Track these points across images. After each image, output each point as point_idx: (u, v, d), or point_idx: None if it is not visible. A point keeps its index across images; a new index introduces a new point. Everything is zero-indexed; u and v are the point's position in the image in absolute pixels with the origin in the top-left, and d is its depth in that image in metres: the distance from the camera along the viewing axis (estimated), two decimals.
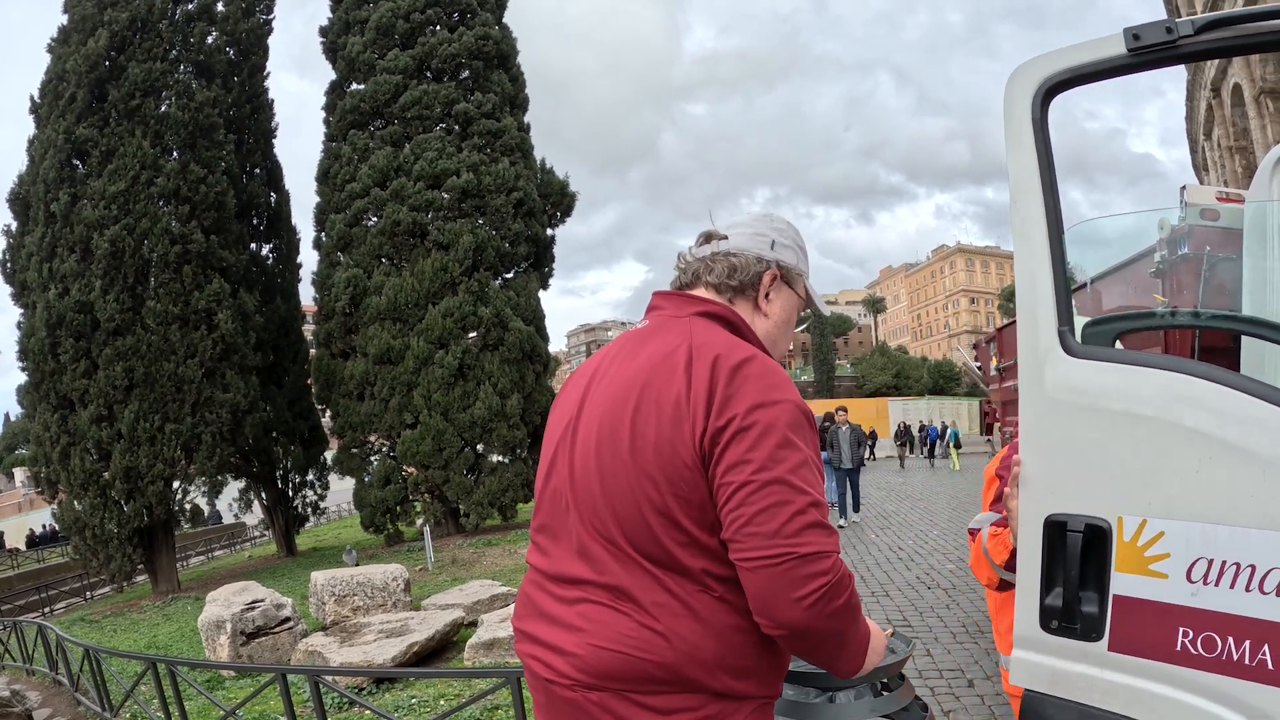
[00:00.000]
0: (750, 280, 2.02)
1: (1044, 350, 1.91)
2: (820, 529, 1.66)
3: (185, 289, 18.80)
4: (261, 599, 10.69)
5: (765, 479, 1.66)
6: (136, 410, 18.08)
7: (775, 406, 1.72)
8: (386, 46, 22.54)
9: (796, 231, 2.15)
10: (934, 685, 6.28)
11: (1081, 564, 1.86)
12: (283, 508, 24.11)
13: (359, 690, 8.04)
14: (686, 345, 1.82)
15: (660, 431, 1.77)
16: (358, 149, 22.35)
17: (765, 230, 2.08)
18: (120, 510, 18.40)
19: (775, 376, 1.77)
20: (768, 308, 2.06)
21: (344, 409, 21.85)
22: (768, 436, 1.69)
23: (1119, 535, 1.81)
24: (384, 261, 21.98)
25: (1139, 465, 1.79)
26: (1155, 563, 1.77)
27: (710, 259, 2.06)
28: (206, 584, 18.65)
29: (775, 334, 2.08)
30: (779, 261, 2.06)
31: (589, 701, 1.77)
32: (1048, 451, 1.93)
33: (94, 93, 18.84)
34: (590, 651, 1.77)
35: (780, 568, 1.62)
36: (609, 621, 1.78)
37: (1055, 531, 1.89)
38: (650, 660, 1.73)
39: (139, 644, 13.27)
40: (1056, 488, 1.90)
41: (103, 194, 18.17)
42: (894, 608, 8.81)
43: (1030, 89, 1.92)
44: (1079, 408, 1.86)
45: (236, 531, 35.30)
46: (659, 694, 1.74)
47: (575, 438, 1.92)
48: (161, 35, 19.71)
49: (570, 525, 1.88)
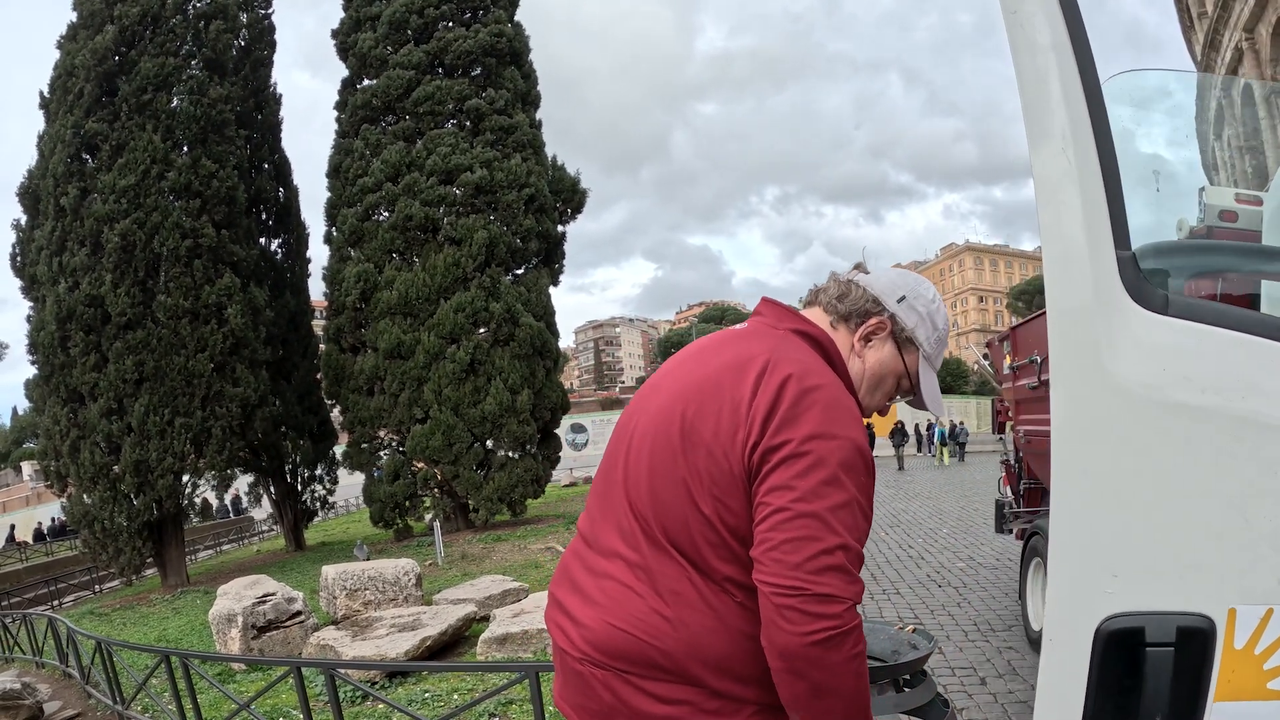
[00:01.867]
0: (856, 312, 1.98)
1: (1098, 298, 1.18)
2: (842, 574, 1.60)
3: (196, 283, 18.82)
4: (273, 593, 10.70)
5: (802, 510, 1.63)
6: (146, 404, 18.12)
7: (833, 441, 1.67)
8: (399, 42, 22.54)
9: (939, 310, 2.05)
10: (946, 683, 6.28)
11: (1167, 698, 1.19)
12: (291, 502, 24.14)
13: (372, 684, 8.05)
14: (766, 357, 1.79)
15: (717, 433, 1.75)
16: (369, 144, 22.36)
17: (904, 285, 2.02)
18: (130, 504, 18.43)
19: (842, 410, 1.72)
20: (864, 351, 2.00)
21: (353, 404, 21.88)
22: (817, 469, 1.65)
23: (1228, 639, 1.17)
24: (395, 256, 21.98)
25: (1269, 514, 1.14)
26: (1279, 677, 1.17)
27: (840, 281, 2.04)
28: (215, 578, 18.69)
29: (862, 383, 2.01)
30: (895, 315, 1.98)
31: (594, 678, 1.80)
32: (1109, 496, 1.19)
33: (103, 87, 18.84)
34: (602, 627, 1.79)
35: (791, 599, 1.59)
36: (625, 601, 1.79)
37: (1119, 646, 1.20)
38: (655, 646, 1.74)
39: (149, 637, 13.29)
40: (1123, 565, 1.19)
41: (113, 188, 18.18)
42: (905, 606, 8.81)
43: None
44: (1171, 410, 1.17)
45: (244, 525, 35.34)
46: (659, 681, 1.75)
47: (640, 420, 1.93)
48: (174, 31, 19.72)
49: (616, 498, 1.89)
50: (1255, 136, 4.07)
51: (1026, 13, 1.17)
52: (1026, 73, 1.19)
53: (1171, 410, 1.17)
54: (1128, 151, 1.88)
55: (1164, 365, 1.17)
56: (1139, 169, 2.82)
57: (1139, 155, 2.13)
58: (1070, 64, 1.17)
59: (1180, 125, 2.33)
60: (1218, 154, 4.33)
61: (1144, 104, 1.86)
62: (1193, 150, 3.63)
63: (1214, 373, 1.17)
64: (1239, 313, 1.23)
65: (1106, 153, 1.17)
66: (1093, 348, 1.18)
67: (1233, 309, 1.24)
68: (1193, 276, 1.36)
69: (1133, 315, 1.18)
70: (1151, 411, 1.17)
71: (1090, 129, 1.17)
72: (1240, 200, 3.65)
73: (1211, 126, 3.80)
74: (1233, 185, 3.93)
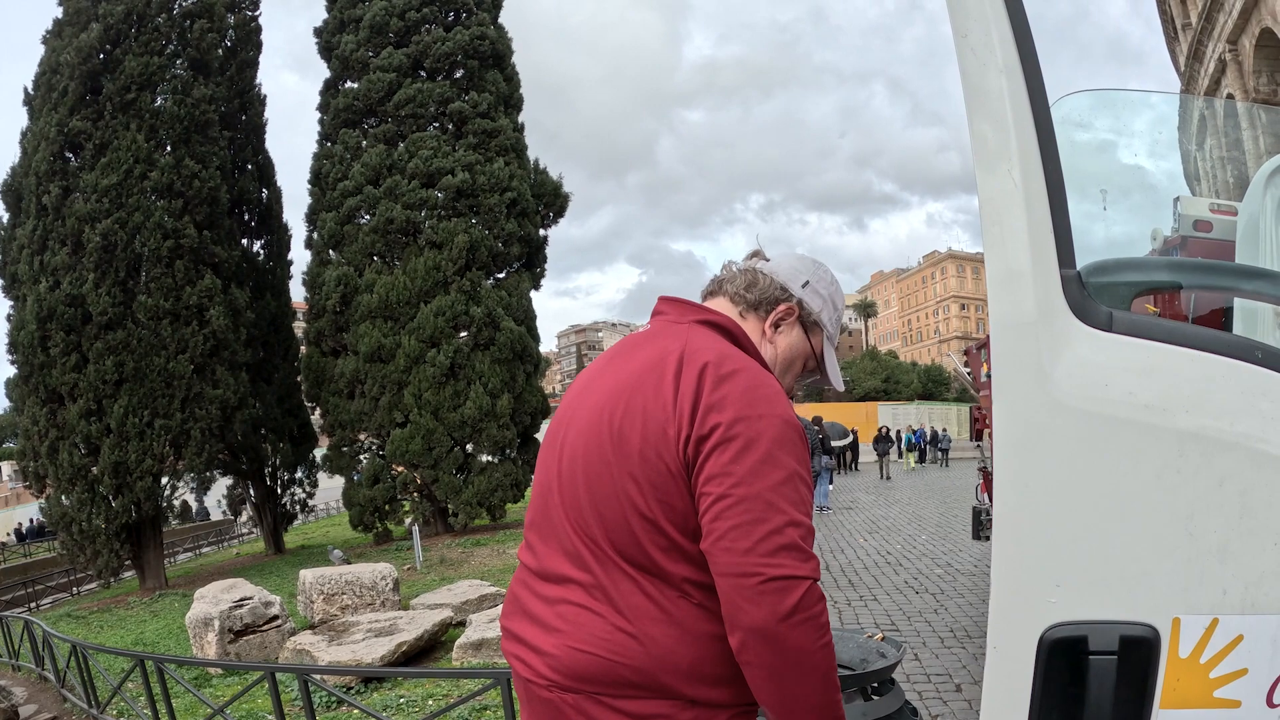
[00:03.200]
0: (765, 300, 2.02)
1: (1041, 317, 1.20)
2: (795, 551, 1.61)
3: (177, 284, 18.74)
4: (250, 596, 10.67)
5: (743, 494, 1.64)
6: (126, 405, 18.00)
7: (762, 420, 1.69)
8: (380, 45, 22.51)
9: (838, 291, 2.14)
10: (921, 690, 6.31)
11: (1110, 706, 1.21)
12: (271, 505, 24.04)
13: (347, 689, 8.03)
14: (679, 351, 1.80)
15: (646, 436, 1.75)
16: (350, 147, 22.35)
17: (806, 270, 2.08)
18: (108, 505, 18.30)
19: (765, 389, 1.74)
20: (775, 337, 2.04)
21: (334, 407, 21.83)
22: (750, 450, 1.66)
23: (1172, 648, 1.20)
24: (375, 259, 21.98)
25: (1215, 527, 1.17)
26: (1225, 685, 1.20)
27: (742, 271, 2.08)
28: (194, 581, 18.59)
29: (775, 368, 2.04)
30: (802, 301, 2.04)
31: (564, 703, 1.77)
32: (1051, 509, 1.20)
33: (87, 85, 18.75)
34: (566, 653, 1.76)
35: (749, 584, 1.60)
36: (585, 623, 1.77)
37: (1062, 655, 1.22)
38: (623, 664, 1.72)
39: (126, 640, 13.22)
40: (1066, 576, 1.21)
41: (95, 187, 18.10)
42: (881, 612, 8.84)
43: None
44: (1115, 425, 1.18)
45: (224, 528, 35.18)
46: (633, 698, 1.73)
47: (567, 437, 1.92)
48: (159, 30, 19.65)
49: (556, 523, 1.88)
50: (1237, 147, 4.11)
51: (977, 36, 1.19)
52: (975, 94, 1.21)
53: (1115, 425, 1.18)
54: (1089, 168, 1.92)
55: (1107, 381, 1.19)
56: (1113, 184, 2.86)
57: (1103, 170, 2.16)
58: (1020, 86, 1.19)
59: (1135, 141, 2.37)
60: (1200, 165, 4.39)
61: (1090, 123, 1.90)
62: (1168, 162, 3.67)
63: (1159, 388, 1.19)
64: (1184, 328, 1.25)
65: (1053, 172, 1.19)
66: (1035, 364, 1.19)
67: (1177, 325, 1.26)
68: (1139, 294, 1.38)
69: (1076, 332, 1.20)
70: (1095, 426, 1.18)
71: (1037, 149, 1.19)
72: (1215, 210, 3.70)
73: (1194, 138, 3.84)
74: (1214, 195, 3.97)
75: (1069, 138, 1.69)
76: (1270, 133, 4.11)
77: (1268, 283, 1.89)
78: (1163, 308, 3.13)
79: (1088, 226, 2.53)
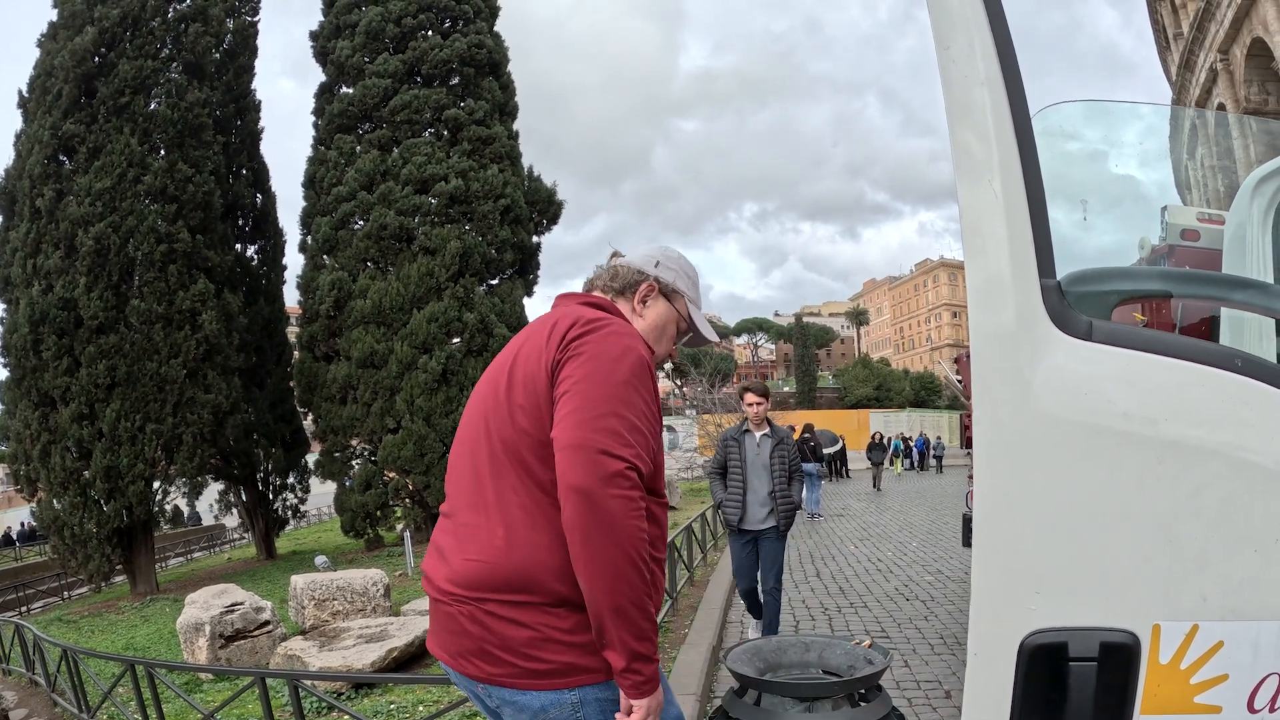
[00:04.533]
0: (629, 284, 2.42)
1: (1020, 326, 1.19)
2: (618, 435, 1.88)
3: (170, 288, 18.73)
4: (241, 602, 10.64)
5: (584, 389, 1.94)
6: (118, 409, 17.97)
7: (608, 342, 2.03)
8: (376, 51, 22.54)
9: (687, 263, 2.53)
10: (911, 696, 6.31)
11: (1091, 712, 1.21)
12: (263, 510, 23.99)
13: (338, 695, 8.01)
14: (560, 317, 2.15)
15: (527, 371, 2.09)
16: (345, 152, 22.33)
17: (654, 254, 2.48)
18: (100, 510, 18.25)
19: (621, 332, 2.09)
20: (644, 312, 2.41)
21: (326, 412, 21.79)
22: (593, 361, 1.99)
23: (1153, 654, 1.20)
24: (369, 265, 21.95)
25: (1194, 534, 1.18)
26: (1206, 691, 1.20)
27: (606, 269, 2.49)
28: (185, 586, 18.54)
29: (648, 337, 2.36)
30: (659, 277, 2.43)
31: (460, 614, 2.01)
32: (1030, 517, 1.20)
33: (82, 88, 18.74)
34: (461, 563, 2.03)
35: (576, 451, 1.86)
36: (476, 538, 2.04)
37: (1043, 661, 1.21)
38: (503, 564, 1.97)
39: (117, 645, 13.18)
40: (1046, 583, 1.20)
41: (89, 190, 18.08)
42: (872, 619, 8.85)
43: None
44: (1094, 433, 1.18)
45: (216, 533, 35.08)
46: (516, 606, 1.95)
47: (472, 400, 2.29)
48: (154, 33, 19.66)
49: (464, 470, 2.18)
50: (1228, 156, 4.14)
51: (959, 48, 1.20)
52: (957, 106, 1.22)
53: (1095, 433, 1.19)
54: (1072, 178, 1.94)
55: (1087, 390, 1.20)
56: (1100, 193, 2.88)
57: (1086, 180, 2.18)
58: (1001, 98, 1.20)
59: (1119, 151, 2.40)
60: (1191, 174, 4.41)
61: (1073, 134, 1.92)
62: (1155, 171, 3.69)
63: (1138, 397, 1.20)
64: (1163, 337, 1.25)
65: (1034, 183, 1.20)
66: (1015, 373, 1.20)
67: (1157, 334, 1.27)
68: (1119, 303, 1.40)
69: (1056, 341, 1.21)
70: (1075, 434, 1.19)
71: (1018, 160, 1.19)
72: (1202, 219, 3.72)
73: (1185, 147, 3.87)
74: (1204, 204, 4.00)
75: (1051, 148, 1.70)
76: (1261, 141, 4.14)
77: (1247, 291, 1.91)
78: (1150, 316, 3.15)
79: (1077, 236, 2.55)
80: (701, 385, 41.19)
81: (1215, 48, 25.09)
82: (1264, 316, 2.43)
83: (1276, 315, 2.13)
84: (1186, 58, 28.09)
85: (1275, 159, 2.88)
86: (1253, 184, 2.96)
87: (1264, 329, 2.54)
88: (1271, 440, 1.18)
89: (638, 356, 2.04)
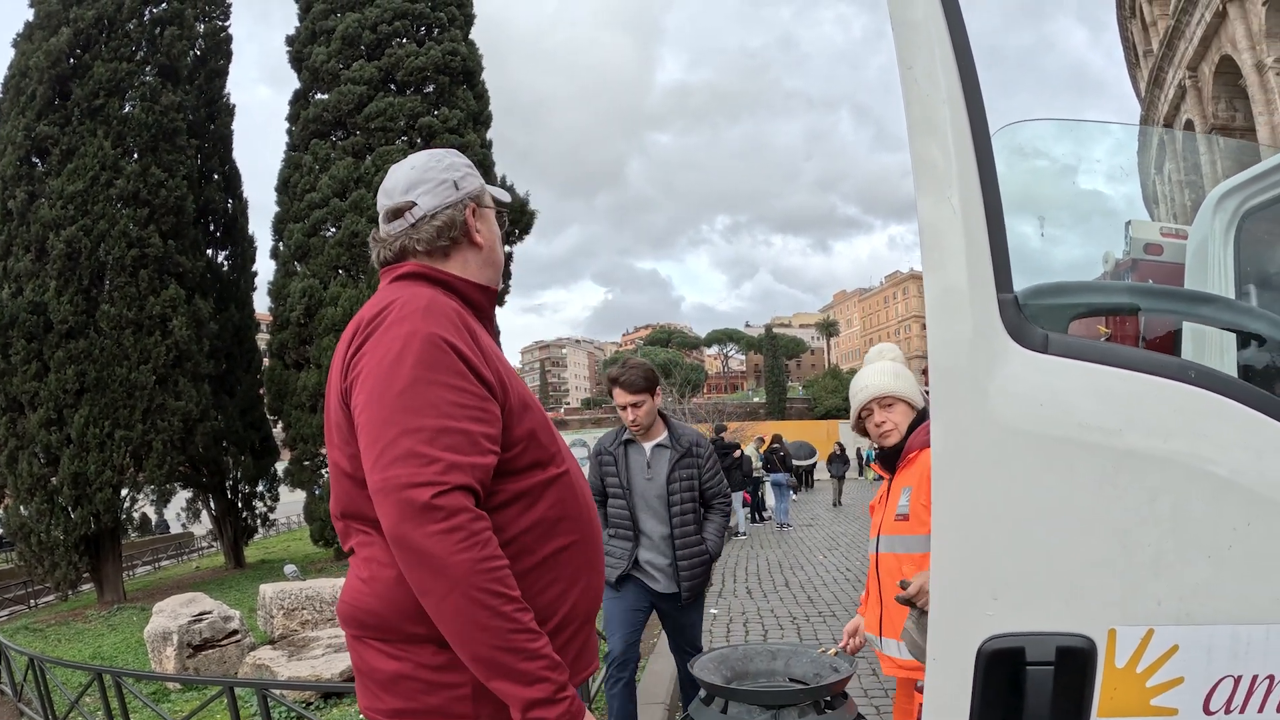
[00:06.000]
0: (460, 229, 2.04)
1: (977, 340, 1.22)
2: (410, 460, 1.65)
3: (141, 293, 18.58)
4: (209, 610, 10.57)
5: (366, 420, 1.73)
6: (87, 415, 17.80)
7: (382, 344, 1.77)
8: (352, 57, 22.47)
9: (456, 152, 2.16)
10: (879, 704, 6.37)
11: (1048, 717, 1.23)
12: (231, 519, 23.81)
13: (307, 704, 7.97)
14: (354, 322, 1.90)
15: (331, 404, 1.91)
16: (319, 159, 22.25)
17: (443, 176, 2.07)
18: (67, 517, 18.06)
19: (402, 323, 1.78)
20: (480, 238, 2.08)
21: (296, 420, 21.63)
22: (369, 377, 1.75)
23: (1109, 658, 1.22)
24: (340, 273, 21.83)
25: (1148, 540, 1.21)
26: (1162, 694, 1.23)
27: (413, 229, 2.04)
28: (153, 594, 18.37)
29: (491, 254, 2.13)
30: (469, 194, 2.08)
31: (348, 644, 1.93)
32: (987, 525, 1.23)
33: (56, 90, 18.62)
34: (341, 604, 1.91)
35: (378, 497, 1.67)
36: (349, 578, 1.91)
37: (998, 667, 1.24)
38: (360, 608, 1.83)
39: (84, 654, 13.04)
40: (1003, 589, 1.23)
41: (61, 193, 17.94)
42: (840, 628, 8.86)
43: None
44: (1050, 443, 1.21)
45: (184, 542, 34.75)
46: (381, 640, 1.82)
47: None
48: (129, 35, 19.56)
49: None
50: (1196, 171, 4.20)
51: (922, 67, 1.23)
52: (918, 124, 1.24)
53: (1051, 443, 1.21)
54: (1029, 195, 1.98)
55: (1043, 400, 1.22)
56: (1063, 210, 2.92)
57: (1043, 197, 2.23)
58: (962, 116, 1.23)
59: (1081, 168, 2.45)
60: (1159, 189, 4.48)
61: (1034, 151, 1.96)
62: (1123, 187, 3.75)
63: (1093, 407, 1.22)
64: (1118, 350, 1.28)
65: (992, 199, 1.23)
66: (972, 384, 1.22)
67: (1112, 346, 1.30)
68: (1076, 317, 1.43)
69: (1013, 354, 1.23)
70: (1031, 444, 1.21)
71: (977, 176, 1.22)
72: (1166, 234, 3.78)
73: (1153, 163, 3.93)
74: (1172, 220, 4.06)
75: (1013, 165, 1.74)
76: (1228, 157, 4.21)
77: (1200, 305, 1.96)
78: (1114, 330, 3.20)
79: (1044, 251, 2.59)
80: (671, 395, 41.13)
81: (1184, 65, 25.46)
82: (1218, 329, 2.47)
83: (1228, 327, 2.19)
84: (1156, 74, 28.49)
85: (1238, 174, 2.94)
86: (1215, 199, 3.02)
87: (1225, 343, 2.59)
88: (1224, 449, 1.21)
89: (422, 338, 1.75)
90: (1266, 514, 1.19)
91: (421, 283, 1.97)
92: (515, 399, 1.88)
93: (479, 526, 1.64)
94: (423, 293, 1.88)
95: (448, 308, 1.85)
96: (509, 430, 1.84)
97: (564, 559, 1.90)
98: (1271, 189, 2.81)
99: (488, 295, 2.11)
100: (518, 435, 1.86)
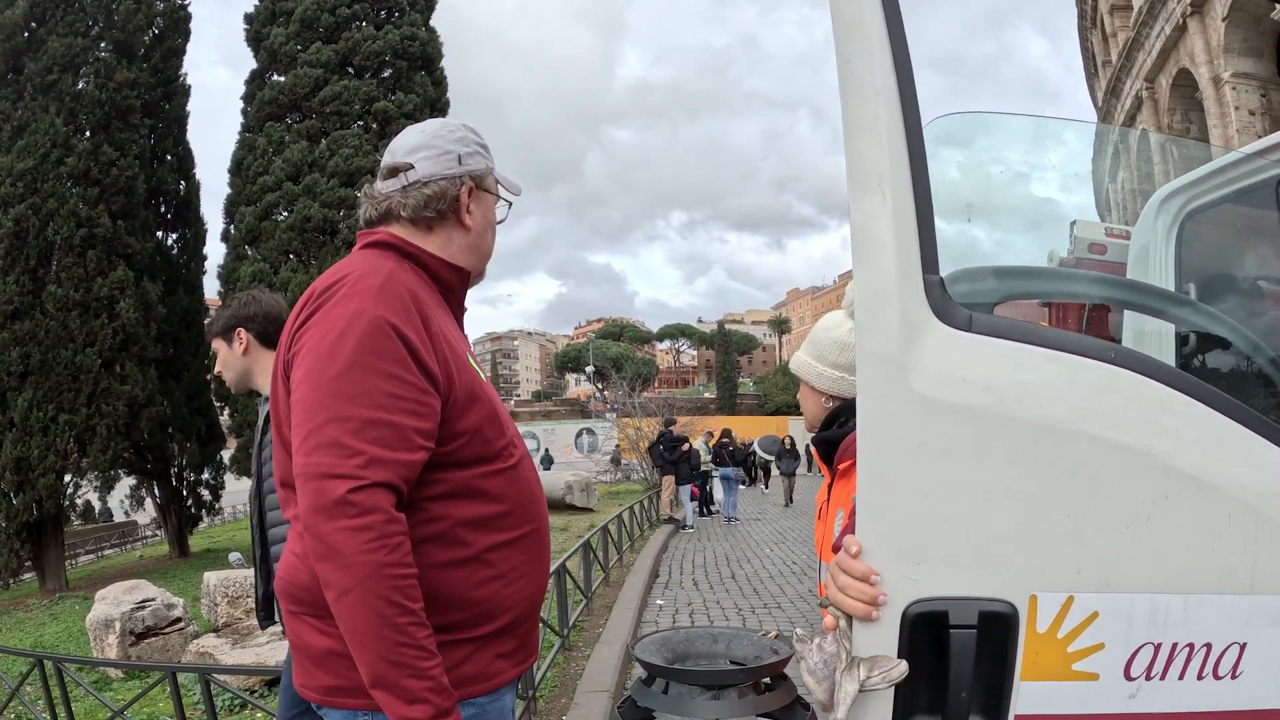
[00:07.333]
0: (449, 204, 2.01)
1: (904, 319, 1.27)
2: (332, 449, 1.63)
3: (88, 274, 18.22)
4: (152, 598, 10.44)
5: (299, 398, 1.72)
6: (30, 399, 17.46)
7: (326, 322, 1.74)
8: (310, 39, 22.21)
9: (475, 130, 2.14)
10: None
11: (972, 677, 1.28)
12: (176, 506, 23.41)
13: (251, 691, 7.92)
14: (308, 290, 1.88)
15: (275, 371, 1.88)
16: (273, 141, 22.01)
17: (449, 147, 2.05)
18: (9, 503, 17.71)
19: (350, 300, 1.75)
20: (470, 220, 2.05)
21: (243, 407, 21.38)
22: (309, 356, 1.73)
23: (1030, 624, 1.28)
24: (292, 257, 21.61)
25: (1068, 511, 1.27)
26: (1083, 659, 1.28)
27: (403, 193, 2.01)
28: (95, 583, 18.05)
29: (479, 240, 2.11)
30: (470, 173, 2.05)
31: (285, 622, 1.98)
32: (911, 495, 1.28)
33: (9, 64, 18.27)
34: (276, 579, 1.89)
35: (299, 480, 1.66)
36: (284, 550, 1.88)
37: (923, 629, 1.29)
38: (293, 581, 1.80)
39: (25, 643, 12.83)
40: (926, 555, 1.28)
41: (10, 171, 17.58)
42: (785, 619, 9.03)
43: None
44: (972, 416, 1.26)
45: (127, 530, 34.23)
46: (314, 616, 1.79)
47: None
48: (85, 9, 19.19)
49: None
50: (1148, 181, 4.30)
51: (859, 61, 1.27)
52: (854, 115, 1.28)
53: (972, 415, 1.26)
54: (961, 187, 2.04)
55: (965, 376, 1.27)
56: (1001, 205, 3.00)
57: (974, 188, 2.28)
58: (895, 108, 1.27)
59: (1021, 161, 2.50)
60: (1112, 195, 4.58)
61: (965, 142, 2.01)
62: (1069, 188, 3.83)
63: (1015, 383, 1.27)
64: (1041, 330, 1.33)
65: (921, 187, 1.28)
66: (898, 361, 1.27)
67: (1035, 326, 1.34)
68: (1001, 299, 1.50)
69: (937, 332, 1.28)
70: (953, 419, 1.26)
71: (908, 166, 1.27)
72: (1110, 234, 3.88)
73: (1107, 169, 4.01)
74: (1123, 221, 4.15)
75: (944, 157, 1.80)
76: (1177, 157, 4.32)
77: (1116, 289, 2.04)
78: (1056, 320, 3.29)
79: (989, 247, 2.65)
80: (622, 389, 41.17)
81: (1142, 76, 25.90)
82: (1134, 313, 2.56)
83: (1139, 310, 2.28)
84: (1114, 85, 28.94)
85: (1180, 176, 3.03)
86: (1158, 200, 3.10)
87: (1164, 332, 2.66)
88: (1141, 425, 1.28)
89: (367, 321, 1.70)
90: (1183, 488, 1.25)
91: (390, 254, 1.92)
92: (461, 391, 1.84)
93: (392, 529, 1.62)
94: (382, 267, 1.83)
95: (402, 289, 1.79)
96: (451, 423, 1.81)
97: (507, 553, 1.89)
98: (1214, 191, 2.89)
99: (460, 276, 2.06)
100: (461, 428, 1.83)
